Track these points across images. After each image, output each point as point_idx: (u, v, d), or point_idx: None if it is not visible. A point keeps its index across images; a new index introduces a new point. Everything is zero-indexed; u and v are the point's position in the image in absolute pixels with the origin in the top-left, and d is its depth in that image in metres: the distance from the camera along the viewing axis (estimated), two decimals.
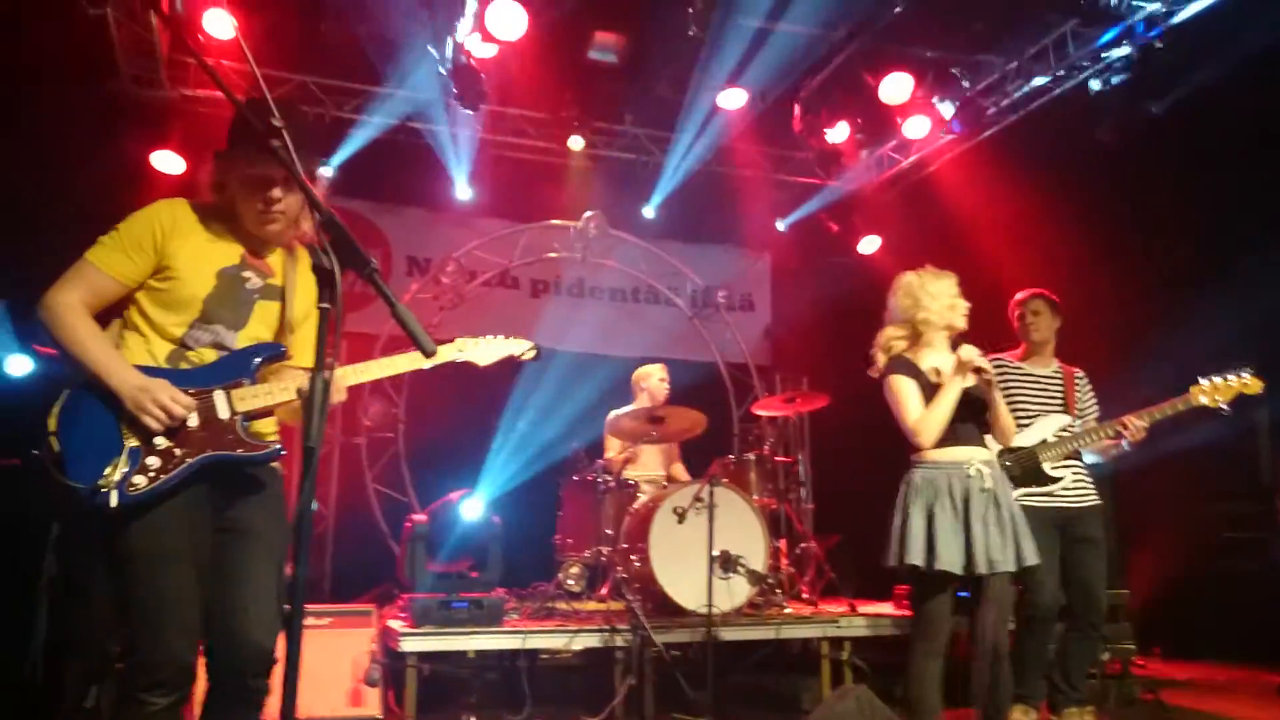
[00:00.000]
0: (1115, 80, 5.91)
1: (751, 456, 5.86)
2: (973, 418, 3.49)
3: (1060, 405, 4.32)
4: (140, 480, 2.15)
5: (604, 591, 5.31)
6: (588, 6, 6.07)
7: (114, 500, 2.11)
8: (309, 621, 4.00)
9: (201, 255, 2.35)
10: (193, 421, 2.24)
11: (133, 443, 2.18)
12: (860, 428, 6.52)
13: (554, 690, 4.86)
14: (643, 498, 5.55)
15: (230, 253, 2.39)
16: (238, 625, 2.22)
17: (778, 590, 5.42)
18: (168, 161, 6.29)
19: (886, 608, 5.62)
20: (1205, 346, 5.64)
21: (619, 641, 4.57)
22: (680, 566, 4.90)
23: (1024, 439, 4.19)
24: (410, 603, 4.57)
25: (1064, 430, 4.24)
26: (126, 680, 2.13)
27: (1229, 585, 5.74)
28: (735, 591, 5.03)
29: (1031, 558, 3.34)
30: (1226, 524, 6.07)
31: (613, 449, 6.01)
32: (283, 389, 2.34)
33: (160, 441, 2.20)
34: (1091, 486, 4.28)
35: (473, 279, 7.28)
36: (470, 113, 6.41)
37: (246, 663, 2.21)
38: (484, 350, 2.66)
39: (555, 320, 7.76)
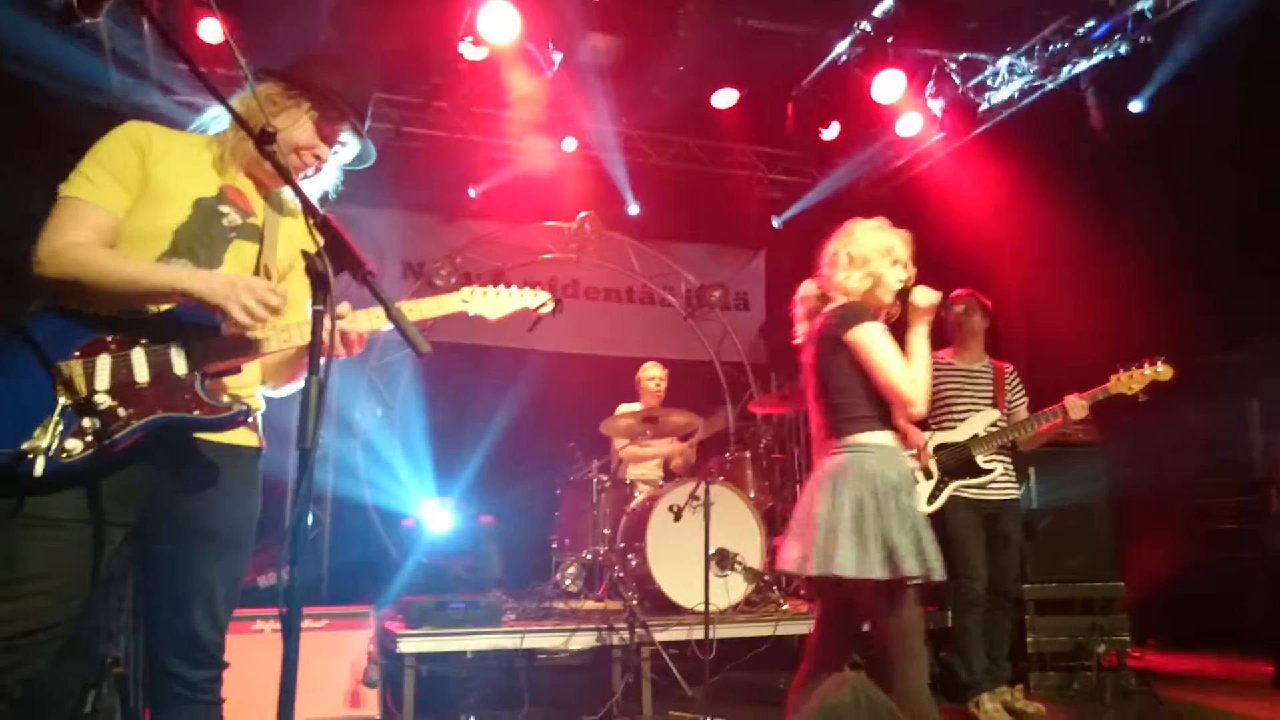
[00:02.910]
0: (1103, 77, 5.96)
1: (747, 454, 5.89)
2: None
3: (989, 400, 4.62)
4: (74, 445, 1.80)
5: (601, 591, 5.33)
6: (580, 8, 6.09)
7: (39, 468, 1.76)
8: (306, 624, 4.01)
9: (178, 180, 2.04)
10: (142, 377, 1.89)
11: (66, 400, 1.83)
12: None
13: (552, 690, 4.87)
14: (639, 497, 5.57)
15: (208, 182, 2.10)
16: (178, 618, 2.01)
17: (774, 587, 5.44)
18: None
19: None
20: (1196, 334, 5.70)
21: (616, 640, 4.58)
22: (677, 565, 4.92)
23: (958, 434, 4.51)
24: (407, 604, 4.58)
25: (994, 425, 4.51)
26: None
27: (1224, 577, 5.77)
28: (732, 589, 5.05)
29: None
30: (1221, 516, 6.09)
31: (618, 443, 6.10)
32: (251, 341, 2.00)
33: (102, 400, 1.84)
34: (1015, 481, 4.63)
35: (467, 281, 7.27)
36: (464, 116, 6.46)
37: (186, 650, 2.01)
38: (493, 302, 2.39)
39: (550, 321, 7.75)
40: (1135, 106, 5.97)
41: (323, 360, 1.66)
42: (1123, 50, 5.86)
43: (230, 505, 2.09)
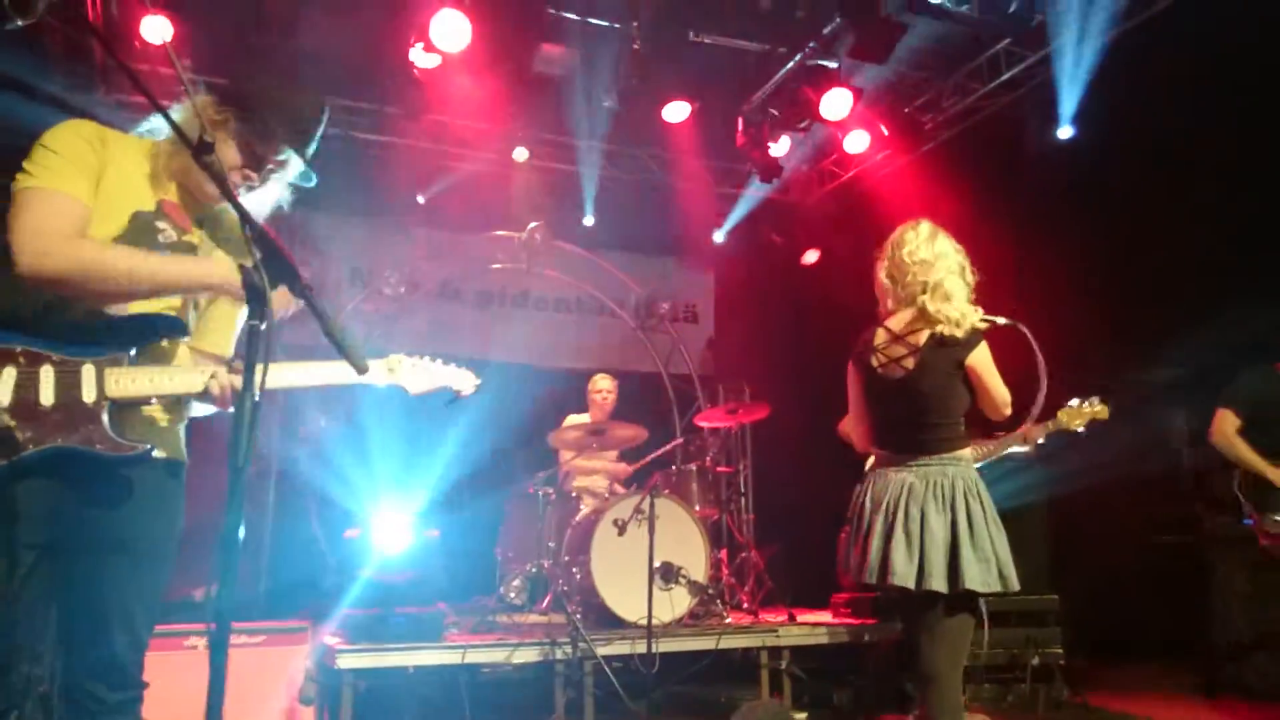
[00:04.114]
0: (1041, 102, 6.16)
1: (693, 467, 5.91)
2: None
3: None
4: None
5: (545, 604, 5.30)
6: (533, 19, 6.08)
7: None
8: (241, 640, 3.93)
9: (121, 189, 1.98)
10: (46, 400, 1.81)
11: None
12: (800, 438, 6.60)
13: (494, 704, 4.83)
14: (585, 510, 5.56)
15: (146, 195, 2.04)
16: (96, 639, 1.94)
17: (718, 600, 5.45)
18: None
19: (825, 617, 5.69)
20: (1127, 351, 5.86)
21: (559, 654, 4.56)
22: (621, 578, 4.91)
23: None
24: (347, 618, 4.51)
25: None
26: None
27: (1156, 589, 5.91)
28: (676, 602, 5.05)
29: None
30: (1153, 529, 6.26)
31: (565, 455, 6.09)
32: (170, 378, 1.92)
33: (1, 418, 1.78)
34: None
35: (415, 290, 7.22)
36: (414, 123, 6.40)
37: (104, 672, 1.94)
38: (418, 375, 2.37)
39: (499, 331, 7.73)
40: (1065, 132, 6.15)
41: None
42: (1058, 76, 6.05)
43: (146, 518, 2.00)
